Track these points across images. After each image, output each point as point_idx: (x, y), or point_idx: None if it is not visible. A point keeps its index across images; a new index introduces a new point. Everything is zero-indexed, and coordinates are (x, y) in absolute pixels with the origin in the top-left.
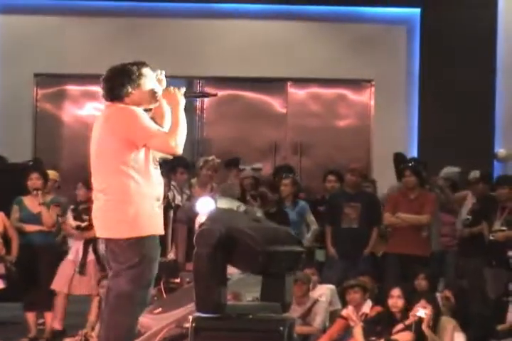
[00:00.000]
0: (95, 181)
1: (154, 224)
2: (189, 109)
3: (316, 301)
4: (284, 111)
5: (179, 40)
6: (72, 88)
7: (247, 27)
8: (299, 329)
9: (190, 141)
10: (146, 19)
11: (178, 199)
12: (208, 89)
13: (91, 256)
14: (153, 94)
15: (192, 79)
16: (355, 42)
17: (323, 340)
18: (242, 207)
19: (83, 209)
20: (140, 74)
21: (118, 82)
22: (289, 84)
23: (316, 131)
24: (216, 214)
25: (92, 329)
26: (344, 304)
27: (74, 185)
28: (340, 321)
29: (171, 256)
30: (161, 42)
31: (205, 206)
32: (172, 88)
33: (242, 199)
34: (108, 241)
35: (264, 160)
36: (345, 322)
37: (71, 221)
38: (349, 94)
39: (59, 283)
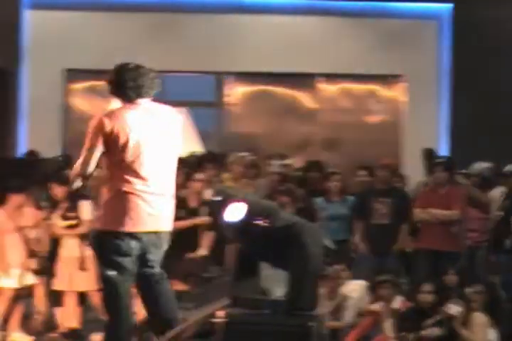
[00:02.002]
0: (156, 178)
1: None
2: (219, 104)
3: (346, 297)
4: (314, 106)
5: (208, 36)
6: (102, 83)
7: (277, 22)
8: (329, 324)
9: (220, 136)
10: (176, 14)
11: (207, 195)
12: (237, 84)
13: (88, 252)
14: None
15: (221, 75)
16: (386, 37)
17: (352, 336)
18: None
19: (67, 208)
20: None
21: (154, 82)
22: (319, 79)
23: (346, 127)
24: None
25: None
26: (374, 299)
27: None
28: (370, 316)
29: (202, 251)
30: (191, 37)
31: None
32: None
33: (271, 194)
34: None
35: (294, 155)
36: (375, 317)
37: (59, 221)
38: (379, 89)
39: (61, 282)
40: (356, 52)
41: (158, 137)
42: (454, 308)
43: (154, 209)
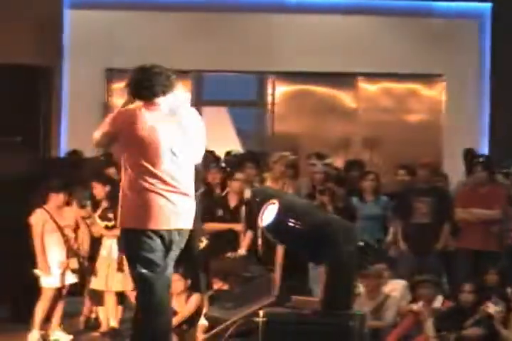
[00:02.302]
0: (179, 177)
1: None
2: (260, 104)
3: (387, 296)
4: (354, 105)
5: (251, 35)
6: None
7: (319, 22)
8: (370, 323)
9: (261, 136)
10: (218, 14)
11: (247, 194)
12: (279, 83)
13: None
14: None
15: (263, 74)
16: (427, 36)
17: (393, 335)
18: None
19: (106, 208)
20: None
21: (169, 81)
22: (360, 78)
23: (387, 126)
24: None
25: None
26: (415, 299)
27: None
28: (411, 316)
29: (242, 251)
30: (234, 37)
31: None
32: None
33: (311, 194)
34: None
35: (335, 155)
36: (416, 317)
37: (99, 221)
38: (420, 88)
39: (99, 282)
40: (397, 51)
41: (179, 136)
42: (493, 308)
43: (177, 208)
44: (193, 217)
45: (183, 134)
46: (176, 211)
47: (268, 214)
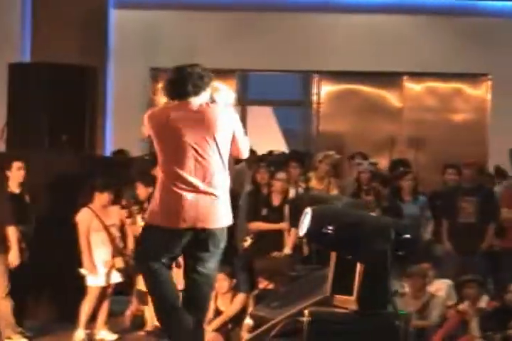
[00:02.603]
0: (200, 175)
1: None
2: (305, 103)
3: (432, 296)
4: (400, 105)
5: (297, 35)
6: None
7: (363, 21)
8: (415, 323)
9: (306, 135)
10: (264, 13)
11: (292, 193)
12: (324, 83)
13: None
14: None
15: (309, 74)
16: (472, 35)
17: (439, 335)
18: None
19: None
20: (212, 75)
21: (203, 77)
22: (405, 78)
23: (432, 126)
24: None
25: (208, 323)
26: (460, 299)
27: None
28: (457, 316)
29: (287, 250)
30: (279, 36)
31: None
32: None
33: (357, 193)
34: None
35: (380, 154)
36: (461, 316)
37: (140, 221)
38: (465, 88)
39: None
40: (443, 50)
41: (202, 135)
42: None
43: (194, 207)
44: (224, 217)
45: (205, 133)
46: (195, 210)
47: (304, 223)
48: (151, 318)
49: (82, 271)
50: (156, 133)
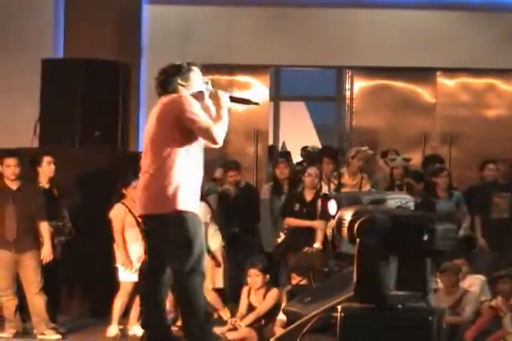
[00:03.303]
0: (145, 163)
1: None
2: (338, 99)
3: (465, 291)
4: (433, 101)
5: (329, 30)
6: (220, 78)
7: (396, 16)
8: (449, 319)
9: (339, 131)
10: (296, 9)
11: (325, 189)
12: (357, 78)
13: None
14: (199, 92)
15: (341, 69)
16: (505, 31)
17: (472, 331)
18: None
19: None
20: (190, 69)
21: (170, 74)
22: (438, 73)
23: (465, 121)
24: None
25: (241, 318)
26: (494, 295)
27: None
28: (490, 312)
29: (316, 245)
30: (311, 32)
31: (332, 209)
32: (219, 91)
33: (390, 188)
34: (152, 216)
35: (413, 150)
36: (494, 312)
37: None
38: (499, 83)
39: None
40: (476, 46)
41: (153, 126)
42: None
43: (141, 193)
44: (164, 202)
45: (155, 124)
46: (140, 195)
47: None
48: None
49: (118, 266)
50: None
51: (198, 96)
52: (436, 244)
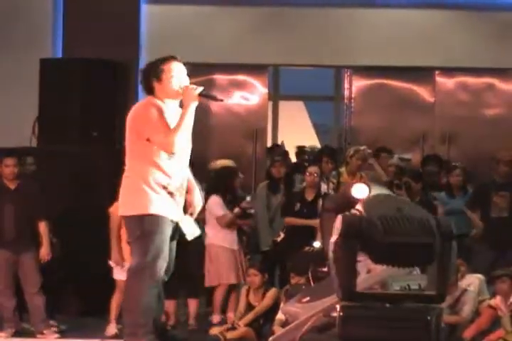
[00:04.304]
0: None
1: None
2: (337, 98)
3: (464, 291)
4: (432, 100)
5: (328, 30)
6: (219, 77)
7: (394, 16)
8: (447, 318)
9: (338, 130)
10: (295, 8)
11: (323, 188)
12: (355, 78)
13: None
14: (172, 88)
15: (340, 69)
16: (504, 30)
17: (471, 330)
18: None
19: None
20: (162, 69)
21: (145, 76)
22: (437, 73)
23: (464, 121)
24: (371, 201)
25: (240, 318)
26: (493, 294)
27: None
28: (489, 311)
29: (317, 244)
30: (311, 31)
31: (360, 192)
32: (191, 86)
33: (387, 187)
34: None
35: (412, 149)
36: (493, 312)
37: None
38: (497, 82)
39: (233, 275)
40: (474, 45)
41: (127, 131)
42: None
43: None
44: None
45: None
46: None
47: (358, 194)
48: (174, 312)
49: (110, 263)
50: None
51: (171, 95)
52: (397, 257)
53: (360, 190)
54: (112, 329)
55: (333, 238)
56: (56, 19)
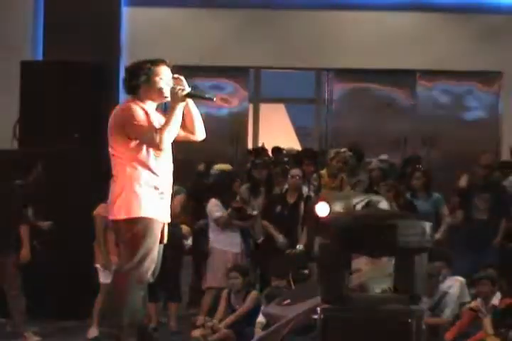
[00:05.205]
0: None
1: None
2: (318, 101)
3: (445, 293)
4: (412, 102)
5: (309, 33)
6: (199, 80)
7: (376, 18)
8: (428, 320)
9: (319, 132)
10: (276, 11)
11: (305, 191)
12: (336, 81)
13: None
14: (159, 90)
15: (321, 72)
16: (484, 33)
17: (452, 332)
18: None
19: None
20: (151, 70)
21: (132, 75)
22: (418, 76)
23: (444, 123)
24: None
25: (220, 321)
26: (473, 296)
27: None
28: (470, 313)
29: (300, 247)
30: (292, 34)
31: (322, 210)
32: (177, 87)
33: (369, 191)
34: (115, 221)
35: (393, 152)
36: (474, 314)
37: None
38: (478, 86)
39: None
40: (455, 48)
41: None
42: None
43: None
44: (120, 207)
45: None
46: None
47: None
48: (155, 315)
49: (96, 266)
50: None
51: (155, 97)
52: (398, 241)
53: (322, 209)
54: (93, 332)
55: (318, 240)
56: (37, 22)
